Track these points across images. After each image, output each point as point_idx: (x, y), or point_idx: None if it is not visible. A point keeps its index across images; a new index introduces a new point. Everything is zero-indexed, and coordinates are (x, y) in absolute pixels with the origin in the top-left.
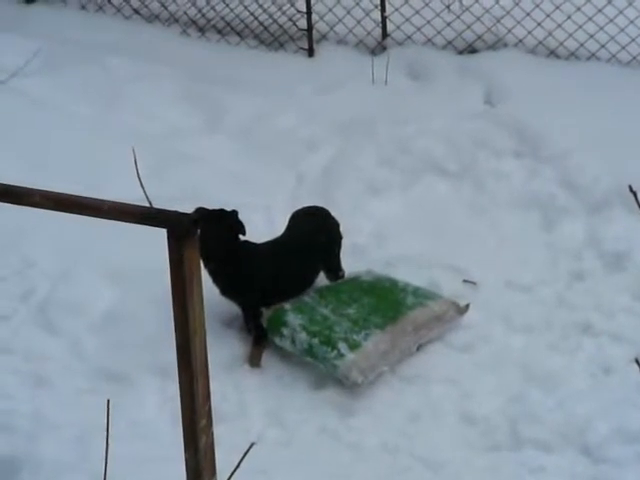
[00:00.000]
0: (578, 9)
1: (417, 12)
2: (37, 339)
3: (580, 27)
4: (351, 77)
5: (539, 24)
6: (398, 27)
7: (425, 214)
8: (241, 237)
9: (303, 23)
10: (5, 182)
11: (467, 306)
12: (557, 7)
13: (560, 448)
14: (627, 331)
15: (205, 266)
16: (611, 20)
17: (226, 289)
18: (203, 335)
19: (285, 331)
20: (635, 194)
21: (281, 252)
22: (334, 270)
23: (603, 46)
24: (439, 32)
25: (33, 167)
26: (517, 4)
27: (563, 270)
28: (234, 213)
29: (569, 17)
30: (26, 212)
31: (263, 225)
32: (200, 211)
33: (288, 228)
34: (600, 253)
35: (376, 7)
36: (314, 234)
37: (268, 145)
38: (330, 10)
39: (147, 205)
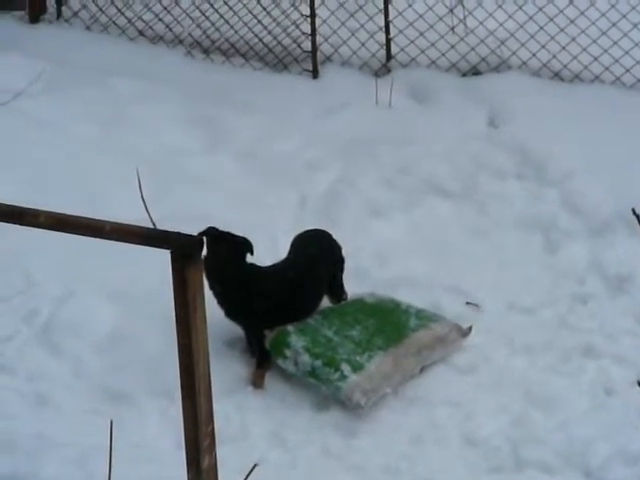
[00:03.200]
0: (582, 32)
1: (421, 34)
2: (40, 359)
3: (584, 50)
4: (355, 99)
5: (543, 46)
6: (402, 49)
7: (428, 236)
8: (248, 257)
9: (307, 45)
10: (8, 202)
11: (470, 328)
12: (561, 29)
13: (561, 470)
14: (629, 353)
15: (210, 288)
16: (615, 42)
17: (231, 312)
18: (206, 357)
19: (288, 353)
20: (638, 217)
21: (285, 276)
22: (337, 292)
23: (607, 69)
24: (443, 54)
25: (35, 188)
26: (521, 26)
27: (565, 293)
28: (241, 238)
29: (573, 39)
30: (30, 232)
31: (265, 246)
32: (210, 231)
33: (291, 252)
34: (603, 276)
35: (380, 29)
36: (317, 258)
37: (271, 166)
38: (334, 32)
39: (150, 226)
